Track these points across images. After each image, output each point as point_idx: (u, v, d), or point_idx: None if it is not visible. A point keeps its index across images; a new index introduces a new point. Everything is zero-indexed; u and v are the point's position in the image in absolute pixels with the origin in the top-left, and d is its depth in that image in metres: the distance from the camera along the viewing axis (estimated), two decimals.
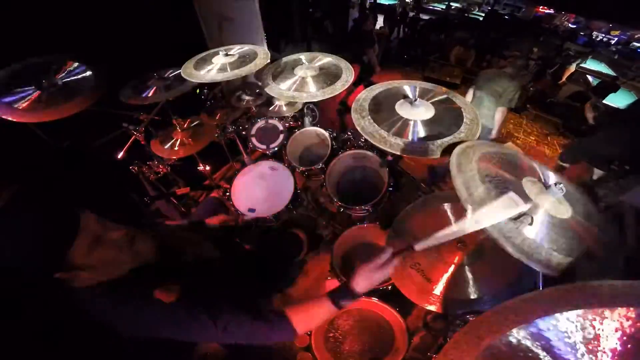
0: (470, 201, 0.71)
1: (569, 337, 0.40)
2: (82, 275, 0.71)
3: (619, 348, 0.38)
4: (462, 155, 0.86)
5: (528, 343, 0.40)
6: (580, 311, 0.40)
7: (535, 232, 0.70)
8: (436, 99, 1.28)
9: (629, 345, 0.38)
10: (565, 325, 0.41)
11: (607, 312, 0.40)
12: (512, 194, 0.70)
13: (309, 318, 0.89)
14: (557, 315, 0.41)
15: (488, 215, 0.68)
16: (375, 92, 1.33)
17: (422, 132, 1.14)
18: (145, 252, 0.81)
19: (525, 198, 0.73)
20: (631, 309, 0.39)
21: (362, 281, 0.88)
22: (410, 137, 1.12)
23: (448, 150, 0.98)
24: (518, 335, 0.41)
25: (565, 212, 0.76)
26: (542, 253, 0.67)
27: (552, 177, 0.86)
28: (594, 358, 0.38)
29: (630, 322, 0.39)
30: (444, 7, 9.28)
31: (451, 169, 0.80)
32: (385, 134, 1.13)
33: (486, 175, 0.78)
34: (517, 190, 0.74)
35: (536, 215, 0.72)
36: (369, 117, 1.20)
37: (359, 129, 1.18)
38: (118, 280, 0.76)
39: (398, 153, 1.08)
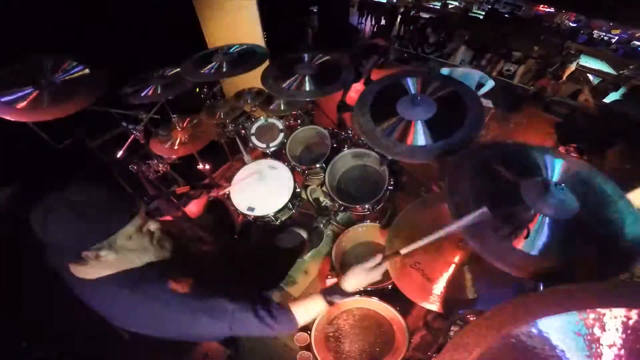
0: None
1: (582, 335, 0.39)
2: (92, 267, 0.75)
3: (635, 346, 0.37)
4: None
5: (539, 340, 0.40)
6: (593, 310, 0.40)
7: None
8: None
9: None
10: (578, 323, 0.40)
11: (623, 312, 0.39)
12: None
13: (306, 312, 0.98)
14: (572, 312, 0.40)
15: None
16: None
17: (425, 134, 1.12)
18: (167, 247, 0.88)
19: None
20: None
21: (352, 280, 0.97)
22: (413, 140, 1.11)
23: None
24: (529, 330, 0.40)
25: None
26: None
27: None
28: (604, 356, 0.38)
29: None
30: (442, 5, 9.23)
31: None
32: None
33: None
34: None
35: None
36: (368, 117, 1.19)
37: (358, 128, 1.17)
38: (131, 271, 0.79)
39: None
